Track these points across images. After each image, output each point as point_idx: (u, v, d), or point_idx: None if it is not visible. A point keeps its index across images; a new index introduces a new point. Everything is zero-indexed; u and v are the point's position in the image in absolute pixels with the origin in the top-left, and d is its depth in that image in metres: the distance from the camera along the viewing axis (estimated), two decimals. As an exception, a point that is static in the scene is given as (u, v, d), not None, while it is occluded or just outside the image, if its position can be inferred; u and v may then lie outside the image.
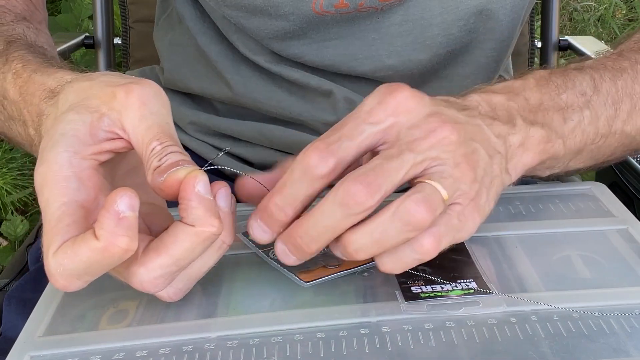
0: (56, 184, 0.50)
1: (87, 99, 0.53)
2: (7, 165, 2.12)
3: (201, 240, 0.50)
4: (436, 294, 0.57)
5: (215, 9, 0.82)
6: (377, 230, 0.51)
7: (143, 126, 0.52)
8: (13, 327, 0.76)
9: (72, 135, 0.51)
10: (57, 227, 0.49)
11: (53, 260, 0.49)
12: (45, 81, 0.59)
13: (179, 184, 0.50)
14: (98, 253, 0.47)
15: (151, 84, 0.54)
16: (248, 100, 0.86)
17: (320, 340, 0.54)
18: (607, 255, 0.64)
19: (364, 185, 0.50)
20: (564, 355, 0.51)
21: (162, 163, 0.51)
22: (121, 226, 0.47)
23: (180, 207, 0.50)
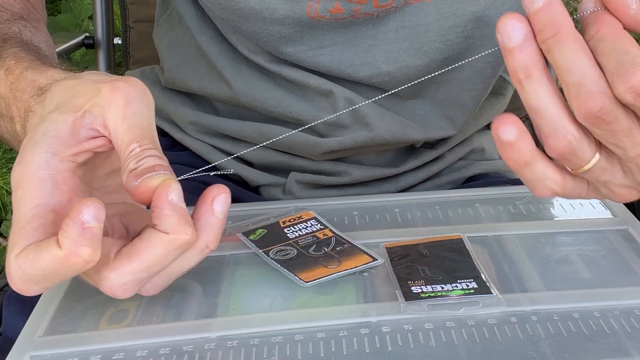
0: (31, 185, 0.49)
1: (72, 98, 0.53)
2: (7, 165, 2.12)
3: (174, 248, 0.50)
4: (436, 294, 0.57)
5: (212, 10, 0.82)
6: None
7: (125, 125, 0.51)
8: (13, 327, 0.76)
9: (53, 136, 0.51)
10: (24, 229, 0.48)
11: (14, 263, 0.48)
12: (36, 78, 0.58)
13: (152, 192, 0.49)
14: (59, 261, 0.47)
15: (137, 83, 0.53)
16: (248, 99, 0.86)
17: (321, 340, 0.54)
18: (608, 255, 0.64)
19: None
20: (564, 355, 0.51)
21: (138, 166, 0.50)
22: (84, 236, 0.46)
23: (154, 214, 0.50)
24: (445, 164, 0.91)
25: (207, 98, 0.91)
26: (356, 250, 0.64)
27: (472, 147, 0.93)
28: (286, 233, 0.66)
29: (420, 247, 0.64)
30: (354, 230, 0.68)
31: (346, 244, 0.65)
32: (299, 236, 0.66)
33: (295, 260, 0.62)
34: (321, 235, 0.66)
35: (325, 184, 0.87)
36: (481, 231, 0.68)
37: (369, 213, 0.72)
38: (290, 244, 0.65)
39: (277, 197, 0.88)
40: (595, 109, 0.46)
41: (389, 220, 0.71)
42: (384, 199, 0.76)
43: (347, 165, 0.87)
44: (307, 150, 0.85)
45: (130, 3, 1.42)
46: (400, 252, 0.63)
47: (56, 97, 0.54)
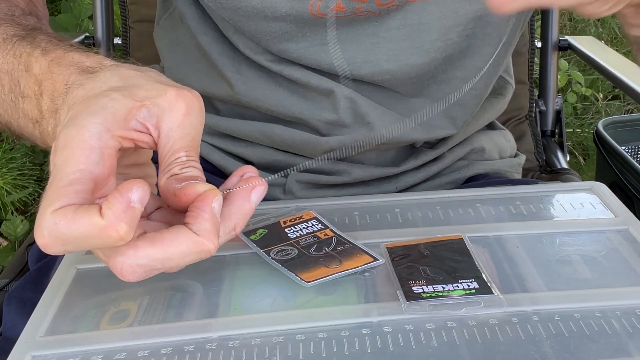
0: (81, 150, 0.50)
1: (134, 87, 0.54)
2: (7, 165, 2.12)
3: (197, 251, 0.51)
4: (437, 294, 0.57)
5: (214, 9, 0.82)
6: None
7: (180, 133, 0.53)
8: (13, 327, 0.76)
9: (111, 112, 0.52)
10: (65, 189, 0.49)
11: (50, 217, 0.48)
12: (83, 59, 0.59)
13: (196, 195, 0.51)
14: (96, 229, 0.48)
15: (198, 97, 0.55)
16: (249, 99, 0.86)
17: (322, 341, 0.54)
18: (608, 255, 0.64)
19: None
20: (566, 355, 0.51)
21: (181, 173, 0.52)
22: (127, 214, 0.48)
23: (190, 214, 0.51)
24: (445, 164, 0.91)
25: (208, 98, 0.91)
26: (357, 250, 0.64)
27: (472, 147, 0.93)
28: (287, 233, 0.66)
29: (421, 247, 0.64)
30: (354, 230, 0.68)
31: (347, 244, 0.65)
32: (300, 236, 0.66)
33: (296, 260, 0.62)
34: (322, 235, 0.66)
35: (326, 183, 0.87)
36: (482, 231, 0.68)
37: (369, 213, 0.72)
38: (291, 244, 0.65)
39: (278, 197, 0.88)
40: None
41: (390, 220, 0.71)
42: (384, 199, 0.76)
43: (347, 164, 0.87)
44: (307, 149, 0.85)
45: (130, 3, 1.43)
46: (401, 252, 0.63)
47: (112, 80, 0.55)
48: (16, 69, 0.64)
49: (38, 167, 2.23)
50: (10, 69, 0.64)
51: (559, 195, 0.75)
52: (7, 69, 0.65)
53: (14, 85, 0.64)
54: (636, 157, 1.63)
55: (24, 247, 1.12)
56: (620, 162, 1.45)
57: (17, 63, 0.63)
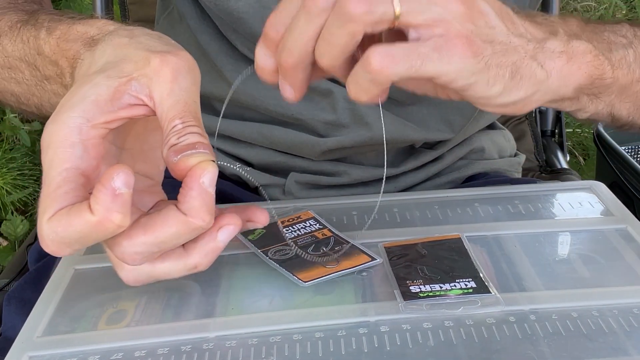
0: (62, 148, 0.50)
1: (122, 62, 0.53)
2: (7, 165, 2.12)
3: (188, 230, 0.51)
4: (435, 294, 0.57)
5: (212, 9, 0.82)
6: (325, 29, 0.52)
7: (170, 101, 0.52)
8: (13, 327, 0.76)
9: (92, 101, 0.51)
10: (55, 193, 0.49)
11: (47, 226, 0.49)
12: (87, 30, 0.59)
13: (189, 170, 0.51)
14: (91, 226, 0.48)
15: (187, 58, 0.54)
16: (248, 99, 0.86)
17: (319, 340, 0.54)
18: (606, 254, 0.64)
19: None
20: (563, 354, 0.51)
21: (179, 142, 0.51)
22: (116, 202, 0.47)
23: (181, 192, 0.51)
24: (445, 164, 0.91)
25: (207, 98, 0.91)
26: (355, 250, 0.64)
27: (471, 147, 0.93)
28: (285, 233, 0.66)
29: (419, 246, 0.64)
30: (352, 230, 0.68)
31: (345, 243, 0.65)
32: (298, 236, 0.66)
33: (294, 260, 0.62)
34: (320, 235, 0.66)
35: (325, 184, 0.87)
36: (480, 230, 0.68)
37: (367, 213, 0.72)
38: (288, 244, 0.65)
39: (277, 198, 0.88)
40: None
41: (388, 220, 0.71)
42: (382, 198, 0.76)
43: (347, 165, 0.87)
44: (306, 150, 0.85)
45: (130, 3, 1.43)
46: (399, 252, 0.63)
47: (107, 52, 0.55)
48: (29, 54, 0.64)
49: (38, 167, 2.23)
50: (23, 55, 0.65)
51: (558, 195, 0.75)
52: (19, 56, 0.65)
53: (34, 70, 0.64)
54: (636, 157, 1.63)
55: (23, 247, 1.12)
56: (620, 162, 1.45)
57: (27, 48, 0.64)
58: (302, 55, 0.53)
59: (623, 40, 0.64)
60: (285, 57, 0.53)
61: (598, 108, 0.64)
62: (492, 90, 0.54)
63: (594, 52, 0.60)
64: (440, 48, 0.52)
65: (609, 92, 0.63)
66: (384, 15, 0.51)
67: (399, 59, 0.51)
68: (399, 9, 0.51)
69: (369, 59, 0.51)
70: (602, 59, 0.61)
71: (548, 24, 0.60)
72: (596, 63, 0.60)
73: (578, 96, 0.61)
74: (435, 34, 0.52)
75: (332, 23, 0.51)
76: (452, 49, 0.52)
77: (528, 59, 0.56)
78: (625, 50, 0.63)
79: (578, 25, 0.63)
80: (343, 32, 0.51)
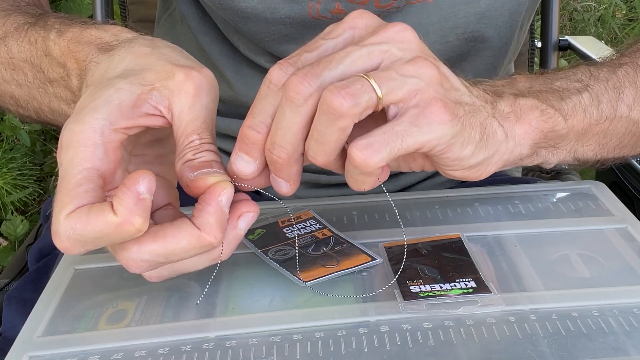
0: (84, 147, 0.51)
1: (144, 70, 0.54)
2: (7, 165, 2.12)
3: (198, 246, 0.51)
4: (435, 293, 0.57)
5: (214, 10, 0.82)
6: (314, 129, 0.52)
7: (190, 116, 0.53)
8: (13, 327, 0.76)
9: (115, 105, 0.52)
10: (75, 191, 0.50)
11: (65, 222, 0.49)
12: (101, 35, 0.59)
13: (206, 188, 0.51)
14: (112, 227, 0.49)
15: (209, 75, 0.55)
16: (249, 100, 0.85)
17: (319, 340, 0.54)
18: (607, 254, 0.64)
19: (299, 76, 0.51)
20: (563, 354, 0.51)
21: (195, 158, 0.52)
22: (139, 206, 0.48)
23: (197, 206, 0.52)
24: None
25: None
26: (355, 250, 0.64)
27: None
28: (285, 233, 0.66)
29: (419, 246, 0.64)
30: (352, 230, 0.68)
31: (345, 243, 0.65)
32: (298, 236, 0.66)
33: (294, 260, 0.62)
34: (320, 235, 0.66)
35: (325, 182, 0.87)
36: (480, 230, 0.68)
37: (368, 213, 0.72)
38: (289, 244, 0.65)
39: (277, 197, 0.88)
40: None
41: (388, 220, 0.71)
42: (383, 198, 0.76)
43: (347, 164, 0.87)
44: None
45: (130, 3, 1.42)
46: (399, 252, 0.63)
47: (127, 59, 0.55)
48: (35, 55, 0.64)
49: (38, 167, 2.23)
50: (29, 56, 0.65)
51: (558, 194, 0.75)
52: (24, 57, 0.65)
53: (37, 72, 0.64)
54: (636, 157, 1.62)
55: (23, 247, 1.12)
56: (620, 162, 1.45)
57: (34, 50, 0.64)
58: (295, 147, 0.53)
59: (577, 84, 0.64)
60: (278, 154, 0.53)
61: (560, 157, 0.65)
62: (465, 151, 0.55)
63: (541, 107, 0.61)
64: (417, 119, 0.52)
65: (567, 140, 0.64)
66: (369, 102, 0.51)
67: (379, 146, 0.51)
68: (380, 92, 0.51)
69: (351, 155, 0.51)
70: (552, 112, 0.61)
71: (492, 87, 0.61)
72: (544, 117, 0.61)
73: (536, 151, 0.62)
74: (411, 105, 0.52)
75: (321, 123, 0.51)
76: (429, 116, 0.52)
77: (491, 119, 0.57)
78: (578, 95, 0.64)
79: (526, 80, 0.64)
80: (334, 129, 0.51)
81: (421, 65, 0.53)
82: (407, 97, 0.52)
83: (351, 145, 0.51)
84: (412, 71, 0.52)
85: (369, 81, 0.51)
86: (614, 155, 0.70)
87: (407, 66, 0.52)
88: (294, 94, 0.51)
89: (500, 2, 0.78)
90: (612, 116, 0.65)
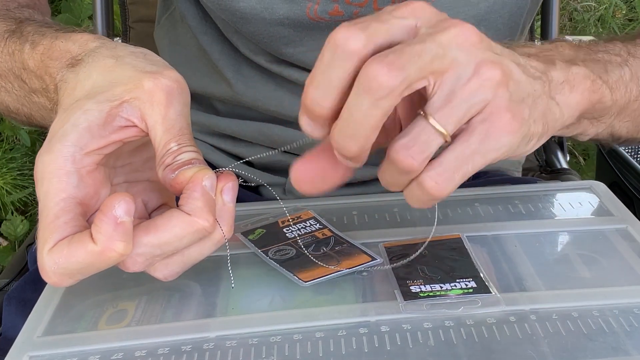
0: (57, 178, 0.50)
1: (111, 85, 0.53)
2: (7, 165, 2.12)
3: (192, 231, 0.51)
4: (435, 293, 0.57)
5: (213, 10, 0.82)
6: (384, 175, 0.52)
7: (165, 126, 0.52)
8: (13, 327, 0.76)
9: (84, 128, 0.51)
10: (53, 224, 0.49)
11: (48, 257, 0.49)
12: (69, 48, 0.59)
13: (188, 181, 0.51)
14: (94, 256, 0.48)
15: (177, 77, 0.54)
16: (249, 99, 0.86)
17: (319, 340, 0.54)
18: (607, 254, 0.64)
19: (384, 64, 0.46)
20: (563, 354, 0.51)
21: (174, 161, 0.52)
22: (118, 231, 0.48)
23: (182, 196, 0.51)
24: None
25: (208, 98, 0.91)
26: (355, 250, 0.64)
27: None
28: (285, 233, 0.66)
29: (419, 246, 0.64)
30: (353, 230, 0.68)
31: (345, 243, 0.65)
32: (298, 236, 0.66)
33: (294, 260, 0.62)
34: (320, 235, 0.66)
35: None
36: (480, 230, 0.68)
37: (368, 212, 0.72)
38: (289, 244, 0.65)
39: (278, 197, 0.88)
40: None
41: (388, 220, 0.71)
42: (383, 198, 0.76)
43: (347, 164, 0.87)
44: (306, 150, 0.85)
45: (130, 3, 1.42)
46: (399, 252, 0.63)
47: (92, 75, 0.54)
48: (15, 67, 0.64)
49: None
50: (10, 67, 0.64)
51: (558, 194, 0.75)
52: (8, 68, 0.65)
53: (21, 82, 0.64)
54: (636, 157, 1.62)
55: (23, 247, 1.12)
56: (620, 162, 1.45)
57: (13, 61, 0.63)
58: (369, 141, 0.49)
59: (618, 59, 0.63)
60: (348, 145, 0.49)
61: (598, 130, 0.64)
62: (527, 147, 0.53)
63: (592, 77, 0.59)
64: (487, 137, 0.49)
65: (610, 113, 0.63)
66: (437, 147, 0.48)
67: (453, 174, 0.49)
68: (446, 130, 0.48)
69: (423, 184, 0.49)
70: (600, 83, 0.60)
71: (543, 53, 0.59)
72: (595, 87, 0.59)
73: (579, 121, 0.61)
74: (478, 121, 0.49)
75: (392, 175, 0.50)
76: (499, 131, 0.49)
77: (549, 100, 0.54)
78: (621, 69, 0.62)
79: (570, 48, 0.62)
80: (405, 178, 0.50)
81: (485, 75, 0.48)
82: (474, 116, 0.49)
83: (424, 175, 0.49)
84: (477, 86, 0.48)
85: (433, 126, 0.48)
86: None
87: (471, 83, 0.48)
88: (377, 86, 0.46)
89: (500, 4, 0.78)
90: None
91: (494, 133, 0.49)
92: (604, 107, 0.61)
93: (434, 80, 0.48)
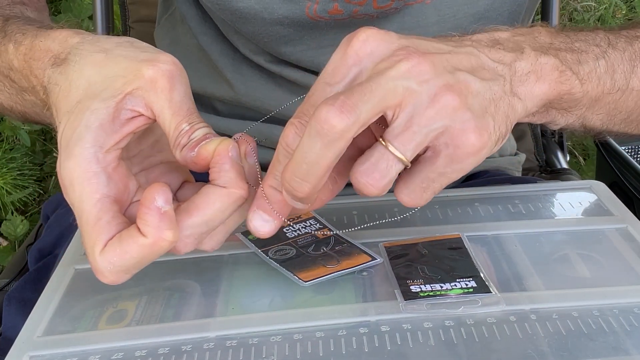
0: (87, 180, 0.51)
1: (110, 79, 0.53)
2: (7, 165, 2.12)
3: (232, 202, 0.52)
4: (435, 293, 0.57)
5: (213, 10, 0.82)
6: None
7: (173, 110, 0.53)
8: (13, 327, 0.76)
9: (97, 128, 0.51)
10: (98, 226, 0.50)
11: (101, 259, 0.50)
12: (49, 46, 0.58)
13: (211, 154, 0.52)
14: (147, 248, 0.49)
15: (173, 61, 0.54)
16: (249, 99, 0.86)
17: (320, 340, 0.54)
18: (607, 254, 0.64)
19: (335, 107, 0.47)
20: (563, 354, 0.51)
21: (191, 140, 0.53)
22: (165, 221, 0.49)
23: (213, 170, 0.52)
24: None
25: (208, 98, 0.91)
26: (355, 250, 0.64)
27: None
28: (285, 232, 0.66)
29: (419, 246, 0.64)
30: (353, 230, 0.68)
31: (345, 243, 0.65)
32: (298, 235, 0.66)
33: (295, 260, 0.62)
34: (320, 235, 0.66)
35: (324, 182, 0.87)
36: (480, 230, 0.68)
37: (368, 212, 0.72)
38: (289, 244, 0.65)
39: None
40: None
41: (388, 220, 0.71)
42: (383, 198, 0.76)
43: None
44: None
45: (130, 3, 1.42)
46: (399, 252, 0.63)
47: (85, 72, 0.54)
48: (3, 67, 0.64)
49: (38, 167, 2.23)
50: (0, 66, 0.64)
51: (558, 194, 0.75)
52: None
53: (11, 82, 0.64)
54: (636, 157, 1.62)
55: (23, 247, 1.12)
56: (620, 162, 1.45)
57: (1, 61, 0.63)
58: (320, 181, 0.50)
59: (596, 50, 0.63)
60: (299, 187, 0.50)
61: (569, 121, 0.64)
62: (495, 148, 0.54)
63: (560, 68, 0.59)
64: (452, 161, 0.51)
65: (579, 105, 0.63)
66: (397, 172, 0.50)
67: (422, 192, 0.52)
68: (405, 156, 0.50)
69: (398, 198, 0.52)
70: (570, 74, 0.60)
71: (515, 38, 0.59)
72: (563, 78, 0.59)
73: (547, 110, 0.61)
74: (441, 144, 0.50)
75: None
76: (464, 149, 0.51)
77: (510, 98, 0.55)
78: (595, 62, 0.62)
79: (547, 34, 0.62)
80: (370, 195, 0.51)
81: (441, 101, 0.50)
82: (435, 141, 0.50)
83: (397, 192, 0.52)
84: (433, 113, 0.49)
85: (392, 152, 0.49)
86: (619, 129, 0.68)
87: (429, 111, 0.49)
88: (328, 128, 0.47)
89: (499, 3, 0.78)
90: (624, 87, 0.64)
91: (459, 156, 0.51)
92: (573, 99, 0.61)
93: (392, 111, 0.50)
